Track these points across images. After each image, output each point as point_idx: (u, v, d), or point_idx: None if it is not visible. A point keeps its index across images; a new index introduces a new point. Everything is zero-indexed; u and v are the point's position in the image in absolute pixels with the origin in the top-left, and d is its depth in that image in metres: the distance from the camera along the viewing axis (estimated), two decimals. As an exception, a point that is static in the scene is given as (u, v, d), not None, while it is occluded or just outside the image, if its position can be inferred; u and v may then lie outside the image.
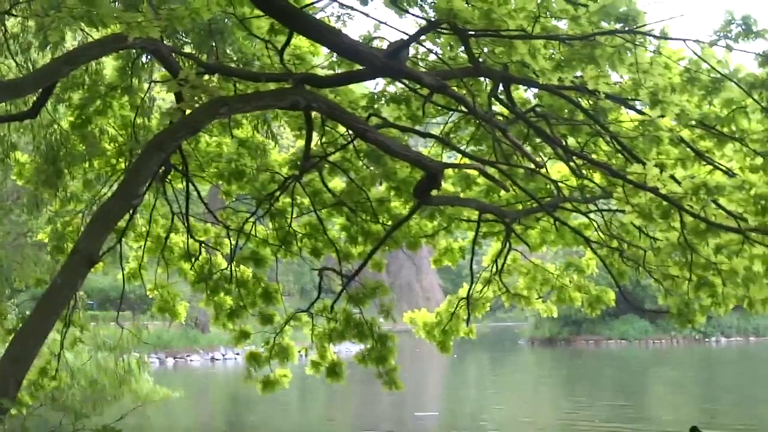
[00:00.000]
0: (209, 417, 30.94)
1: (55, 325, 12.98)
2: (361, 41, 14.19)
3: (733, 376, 44.86)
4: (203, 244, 18.78)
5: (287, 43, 14.79)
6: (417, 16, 13.50)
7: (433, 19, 13.01)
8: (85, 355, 22.69)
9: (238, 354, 55.33)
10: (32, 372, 17.14)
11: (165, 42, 14.93)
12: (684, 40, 12.92)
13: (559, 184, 16.63)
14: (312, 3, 14.85)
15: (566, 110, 15.80)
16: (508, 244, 18.34)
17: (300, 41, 15.73)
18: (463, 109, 15.67)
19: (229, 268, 18.62)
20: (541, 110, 15.81)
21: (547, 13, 12.24)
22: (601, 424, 24.56)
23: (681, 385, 41.33)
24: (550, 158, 17.24)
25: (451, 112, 17.18)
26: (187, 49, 15.86)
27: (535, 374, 50.64)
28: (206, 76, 13.91)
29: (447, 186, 17.72)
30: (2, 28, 15.17)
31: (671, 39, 12.99)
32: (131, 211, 15.35)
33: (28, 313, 15.04)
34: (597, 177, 16.60)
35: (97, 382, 23.26)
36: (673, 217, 13.62)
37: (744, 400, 32.09)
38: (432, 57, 15.89)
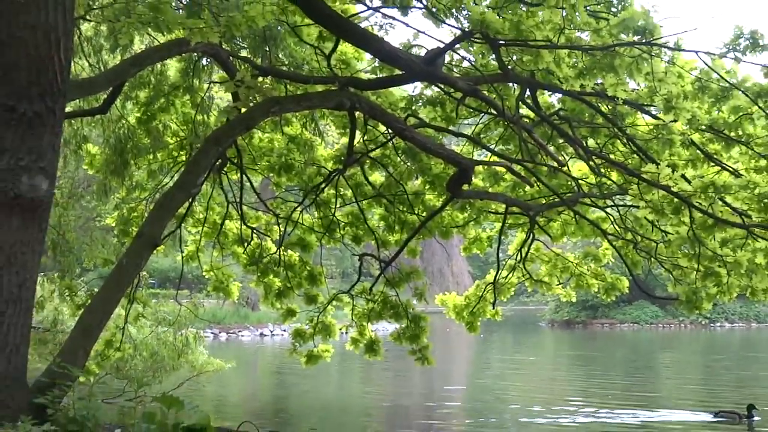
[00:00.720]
0: (257, 386, 31.00)
1: (120, 301, 13.04)
2: (401, 48, 14.17)
3: (735, 358, 44.62)
4: (255, 231, 18.83)
5: (334, 49, 14.83)
6: (452, 27, 13.50)
7: (467, 30, 13.01)
8: (146, 329, 22.81)
9: (284, 330, 55.42)
10: (99, 344, 17.24)
11: (224, 46, 14.98)
12: (696, 52, 12.90)
13: (579, 181, 16.59)
14: (357, 13, 14.86)
15: (587, 114, 15.80)
16: (531, 235, 18.33)
17: (346, 47, 15.75)
18: (493, 111, 15.66)
19: (277, 253, 18.67)
20: (564, 114, 15.81)
21: (572, 25, 12.21)
22: (614, 400, 24.47)
23: (688, 365, 41.15)
24: (571, 157, 17.24)
25: (482, 114, 17.17)
26: (244, 53, 15.91)
27: (554, 354, 50.46)
28: (260, 78, 13.94)
29: (477, 181, 17.72)
30: (77, 31, 15.22)
31: (684, 51, 12.95)
32: (190, 200, 15.40)
33: (96, 290, 15.13)
34: (614, 175, 16.57)
35: (157, 354, 23.35)
36: (683, 212, 13.58)
37: (744, 379, 31.92)
38: (465, 64, 15.91)
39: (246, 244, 18.74)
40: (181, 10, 14.54)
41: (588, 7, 12.52)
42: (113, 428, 11.70)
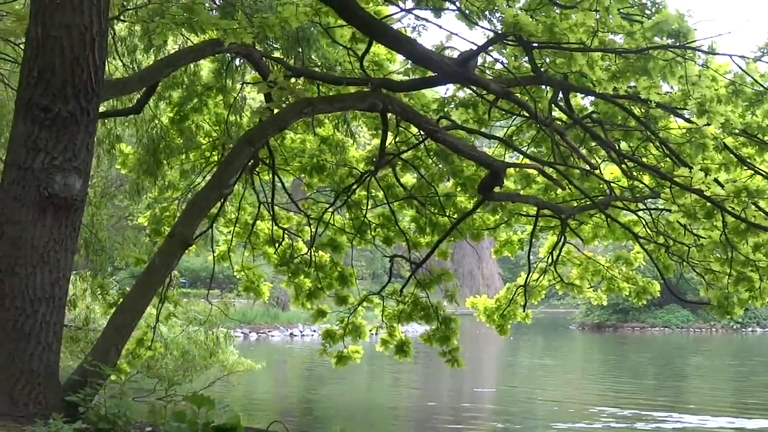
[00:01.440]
0: (287, 387, 31.07)
1: (152, 300, 13.09)
2: (433, 50, 14.17)
3: (766, 362, 44.41)
4: (286, 231, 18.86)
5: (367, 50, 14.84)
6: (485, 29, 13.52)
7: (500, 32, 13.01)
8: (177, 328, 22.89)
9: (314, 331, 55.49)
10: (130, 342, 17.31)
11: (257, 47, 15.01)
12: (730, 56, 12.86)
13: (612, 184, 16.57)
14: (390, 15, 14.87)
15: (620, 117, 15.76)
16: (563, 238, 18.30)
17: (378, 49, 15.76)
18: (526, 114, 15.65)
19: (308, 253, 18.70)
20: (596, 116, 15.78)
21: (605, 28, 12.18)
22: (645, 405, 24.39)
23: (719, 370, 40.95)
24: (603, 160, 17.19)
25: (514, 117, 17.15)
26: (277, 54, 15.93)
27: (585, 357, 50.34)
28: (293, 79, 13.98)
29: (508, 183, 17.70)
30: (111, 32, 15.30)
31: (718, 54, 12.92)
32: (222, 200, 15.43)
33: (128, 289, 15.20)
34: (646, 178, 16.53)
35: (187, 353, 23.43)
36: (715, 217, 13.55)
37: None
38: (498, 66, 15.89)
39: (277, 245, 18.77)
40: (214, 11, 14.59)
41: (621, 10, 12.47)
42: (144, 426, 11.75)
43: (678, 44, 11.90)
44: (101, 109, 12.54)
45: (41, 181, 10.05)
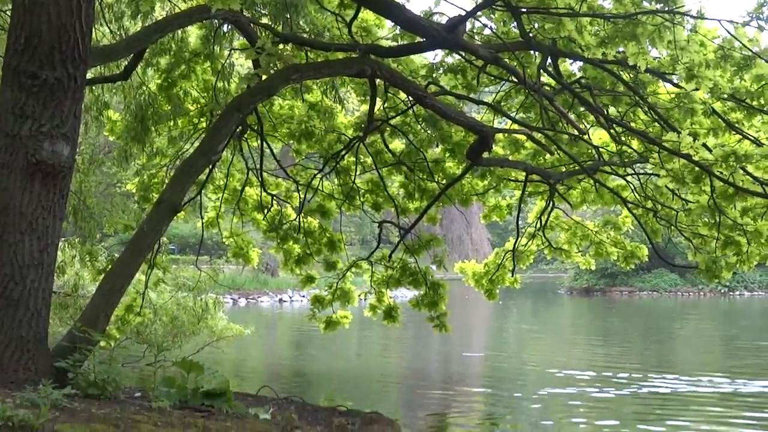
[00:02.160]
0: (276, 352, 31.12)
1: (141, 266, 13.10)
2: (422, 16, 14.14)
3: (753, 326, 44.60)
4: (275, 197, 18.87)
5: (355, 16, 14.80)
6: (474, -6, 13.47)
7: (488, -3, 12.98)
8: (166, 294, 22.89)
9: (303, 296, 55.52)
10: (119, 308, 17.33)
11: (244, 13, 14.97)
12: (719, 20, 12.83)
13: (600, 149, 16.59)
14: (378, -20, 14.81)
15: (608, 82, 15.76)
16: (551, 203, 18.35)
17: (366, 15, 15.72)
18: (514, 79, 15.64)
19: (297, 219, 18.71)
20: (585, 82, 15.77)
21: (593, -7, 12.17)
22: (632, 367, 24.51)
23: (705, 332, 41.13)
24: (592, 126, 17.24)
25: (503, 82, 17.16)
26: (265, 21, 15.87)
27: (573, 321, 50.49)
28: (281, 45, 13.95)
29: (497, 149, 17.72)
30: (98, -2, 15.22)
31: (707, 19, 12.91)
32: (211, 166, 15.40)
33: (116, 255, 15.20)
34: (635, 143, 16.55)
35: (176, 319, 23.43)
36: (703, 181, 13.57)
37: (761, 346, 31.91)
38: (487, 31, 15.87)
39: (266, 211, 18.79)
40: (202, -23, 14.52)
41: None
42: (133, 392, 11.78)
43: (666, 9, 11.89)
44: (88, 75, 12.51)
45: (29, 148, 10.02)
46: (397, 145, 18.18)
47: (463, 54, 15.70)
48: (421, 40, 14.44)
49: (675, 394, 18.88)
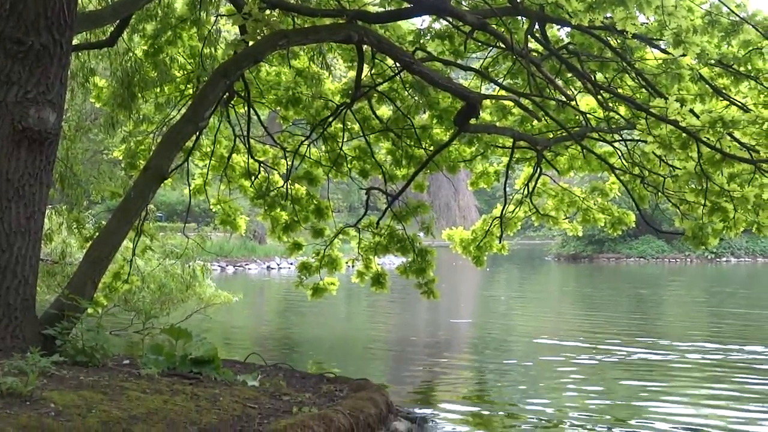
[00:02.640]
0: (264, 319, 31.12)
1: (128, 234, 13.10)
2: (409, -19, 14.11)
3: (738, 290, 44.79)
4: (262, 164, 18.86)
5: (342, -19, 14.77)
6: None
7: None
8: (154, 261, 22.87)
9: (291, 264, 55.53)
10: (107, 276, 17.34)
11: (231, -21, 14.91)
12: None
13: (587, 115, 16.60)
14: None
15: (596, 48, 15.76)
16: (539, 169, 18.36)
17: (353, -20, 15.68)
18: (502, 45, 15.62)
19: (285, 186, 18.72)
20: (572, 48, 15.77)
21: (581, -42, 12.13)
22: (619, 334, 24.59)
23: (691, 297, 41.25)
24: (579, 92, 17.24)
25: (490, 48, 17.13)
26: (251, -14, 15.80)
27: (560, 288, 50.58)
28: (268, 11, 13.90)
29: (484, 115, 17.73)
30: (83, -37, 15.16)
31: (695, -16, 12.89)
32: (198, 133, 15.38)
33: (104, 222, 15.18)
34: (622, 109, 16.58)
35: (164, 286, 23.42)
36: (691, 147, 13.57)
37: (747, 312, 32.02)
38: (474, -3, 15.83)
39: (253, 178, 18.79)
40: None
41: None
42: (122, 359, 11.80)
43: (654, -26, 11.86)
44: (74, 42, 12.45)
45: (15, 114, 10.00)
46: (385, 111, 18.18)
47: (451, 20, 15.68)
48: (409, 5, 14.41)
49: (663, 361, 18.94)
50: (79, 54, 16.83)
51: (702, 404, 14.36)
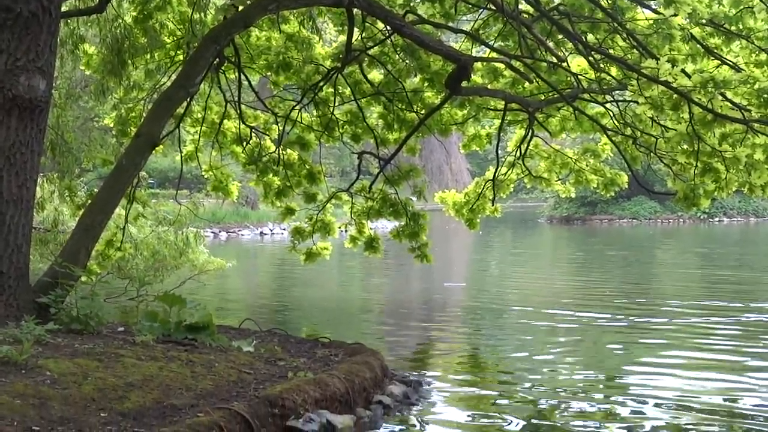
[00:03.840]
0: (258, 285, 31.14)
1: (120, 201, 13.10)
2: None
3: (731, 251, 44.91)
4: (253, 130, 18.83)
5: (332, -55, 14.70)
6: None
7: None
8: (147, 228, 22.85)
9: (284, 229, 55.49)
10: (100, 243, 17.32)
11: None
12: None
13: (579, 76, 16.56)
14: None
15: (586, 9, 15.74)
16: (530, 131, 18.37)
17: (343, -57, 15.59)
18: (492, 7, 15.60)
19: (276, 152, 18.71)
20: (563, 9, 15.73)
21: None
22: (612, 293, 24.64)
23: (684, 257, 41.36)
24: (570, 53, 17.21)
25: (481, 10, 17.11)
26: (240, -50, 15.73)
27: (553, 249, 50.68)
28: (257, -25, 13.84)
29: (476, 78, 17.68)
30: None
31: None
32: (188, 99, 15.34)
33: (95, 190, 15.18)
34: (613, 70, 16.56)
35: (158, 253, 23.40)
36: (682, 108, 13.56)
37: (740, 270, 32.12)
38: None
39: (245, 143, 18.77)
40: None
41: None
42: (116, 327, 11.83)
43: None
44: (63, 8, 12.42)
45: (5, 82, 9.98)
46: (376, 75, 18.15)
47: (441, -18, 15.64)
48: (399, -32, 14.37)
49: (659, 325, 18.98)
50: (68, 21, 16.76)
51: (698, 371, 14.38)
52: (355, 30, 15.95)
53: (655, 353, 15.75)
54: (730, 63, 14.98)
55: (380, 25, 16.30)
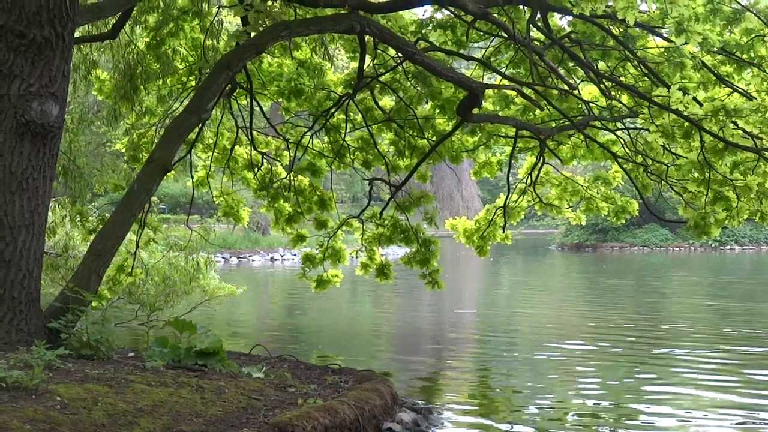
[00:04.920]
0: (268, 311, 31.16)
1: (132, 226, 13.13)
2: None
3: (741, 280, 44.79)
4: (265, 156, 18.87)
5: (344, -28, 14.74)
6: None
7: (477, -48, 12.94)
8: (158, 254, 22.90)
9: (294, 255, 55.62)
10: (110, 268, 17.34)
11: (232, -30, 14.90)
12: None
13: (590, 104, 16.57)
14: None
15: (598, 37, 15.76)
16: (541, 158, 18.36)
17: (355, -29, 15.65)
18: (504, 34, 15.64)
19: (288, 178, 18.73)
20: (575, 36, 15.77)
21: (582, -53, 12.12)
22: (623, 321, 24.62)
23: (695, 286, 41.26)
24: (582, 80, 17.22)
25: (493, 38, 17.14)
26: (252, -23, 15.79)
27: (564, 277, 50.60)
28: (269, 2, 13.91)
29: (487, 105, 17.73)
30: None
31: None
32: (200, 125, 15.39)
33: (107, 215, 15.21)
34: (624, 98, 16.57)
35: (168, 279, 23.45)
36: (693, 136, 13.56)
37: (751, 303, 32.03)
38: (476, -14, 15.82)
39: (256, 169, 18.81)
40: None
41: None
42: (126, 352, 11.84)
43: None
44: (76, 34, 12.47)
45: (18, 108, 10.03)
46: (387, 102, 18.18)
47: (453, 9, 15.69)
48: (410, -5, 14.42)
49: (670, 354, 18.94)
50: (81, 46, 16.85)
51: (709, 401, 14.34)
52: (367, 56, 16.00)
53: (666, 385, 15.69)
54: (742, 90, 14.99)
55: (392, 52, 16.34)
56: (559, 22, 16.92)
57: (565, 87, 15.27)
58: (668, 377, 16.34)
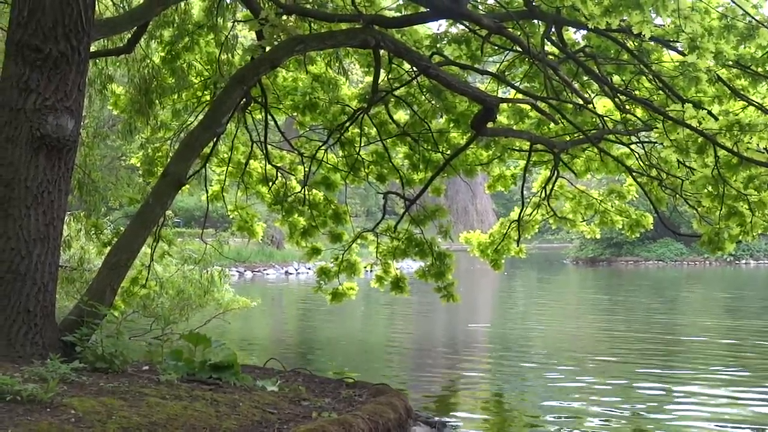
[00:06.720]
0: (283, 324, 31.16)
1: (146, 239, 13.14)
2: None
3: (756, 294, 44.68)
4: (279, 170, 18.90)
5: (359, -14, 14.79)
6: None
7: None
8: (172, 267, 22.93)
9: (309, 269, 55.57)
10: (125, 281, 17.37)
11: (247, -15, 14.93)
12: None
13: (604, 117, 16.58)
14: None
15: (612, 51, 15.77)
16: (556, 172, 18.35)
17: (370, -15, 15.69)
18: (518, 49, 15.63)
19: (302, 192, 18.76)
20: (589, 50, 15.77)
21: (597, -39, 12.13)
22: (638, 335, 24.55)
23: (711, 300, 41.12)
24: (596, 94, 17.23)
25: (507, 52, 17.14)
26: (267, -8, 15.84)
27: (579, 291, 50.48)
28: (284, 16, 13.92)
29: (501, 119, 17.73)
30: (100, -29, 15.19)
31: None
32: (215, 139, 15.42)
33: (122, 228, 15.24)
34: (639, 111, 16.55)
35: (183, 292, 23.48)
36: (707, 151, 13.53)
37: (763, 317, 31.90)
38: (490, 1, 15.86)
39: (270, 184, 18.84)
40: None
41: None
42: (141, 365, 11.83)
43: (670, -23, 11.85)
44: (92, 48, 12.51)
45: (33, 122, 10.06)
46: (402, 115, 18.20)
47: (467, 24, 15.70)
48: (425, 10, 14.43)
49: (685, 370, 18.87)
50: (97, 61, 16.90)
51: (728, 416, 14.28)
52: (382, 71, 16.02)
53: (681, 402, 15.63)
54: (757, 103, 14.96)
55: (406, 66, 16.36)
56: (574, 36, 16.93)
57: (580, 101, 15.27)
58: (686, 395, 16.27)
